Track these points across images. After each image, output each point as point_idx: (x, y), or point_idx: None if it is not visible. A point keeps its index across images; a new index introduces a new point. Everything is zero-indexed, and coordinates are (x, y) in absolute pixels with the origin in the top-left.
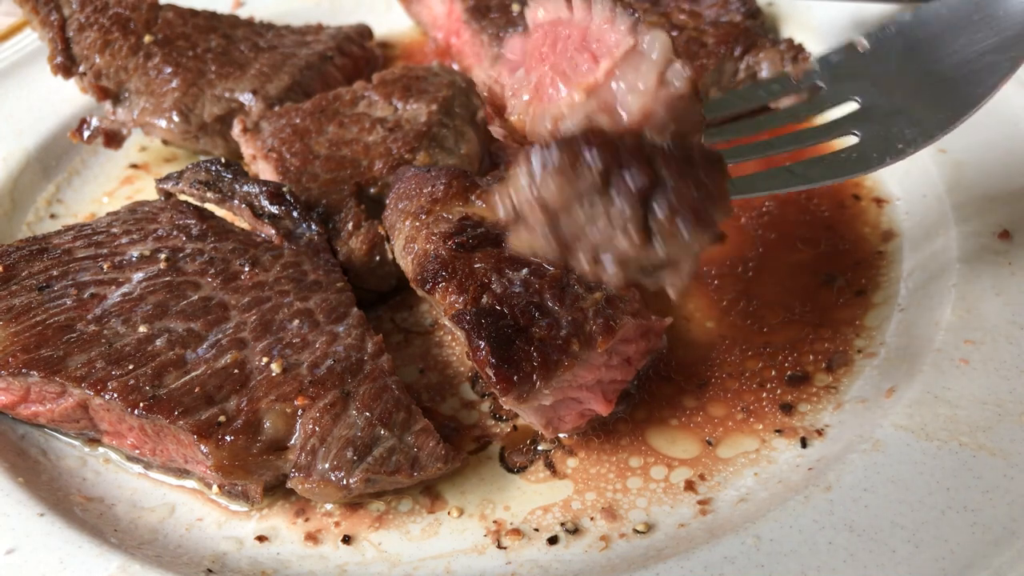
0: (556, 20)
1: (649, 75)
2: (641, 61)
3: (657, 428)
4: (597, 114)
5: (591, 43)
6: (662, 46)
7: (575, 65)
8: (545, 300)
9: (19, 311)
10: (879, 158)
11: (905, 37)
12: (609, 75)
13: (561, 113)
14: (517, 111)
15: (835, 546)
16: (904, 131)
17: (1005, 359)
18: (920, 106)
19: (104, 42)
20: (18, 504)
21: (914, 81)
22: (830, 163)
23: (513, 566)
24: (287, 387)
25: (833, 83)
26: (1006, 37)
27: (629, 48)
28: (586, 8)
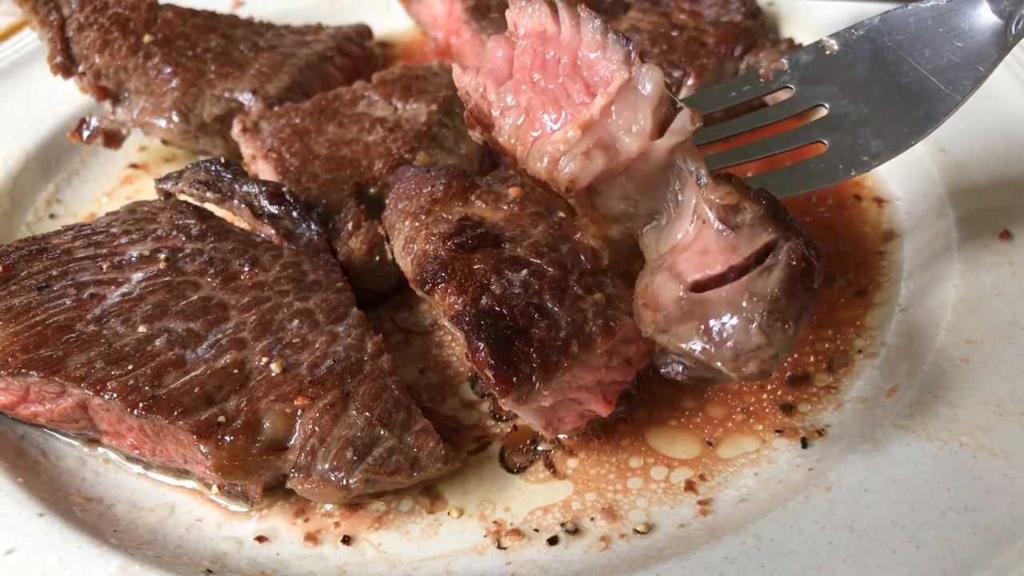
0: (541, 32)
1: (646, 114)
2: (636, 98)
3: (657, 428)
4: (595, 152)
5: (582, 70)
6: (656, 83)
7: (567, 93)
8: (544, 301)
9: (18, 311)
10: (845, 169)
11: (872, 42)
12: (605, 112)
13: (559, 151)
14: (506, 132)
15: (835, 546)
16: (870, 143)
17: (1006, 359)
18: (886, 118)
19: (104, 42)
20: (17, 504)
21: (880, 90)
22: (800, 173)
23: (513, 566)
24: (287, 387)
25: (802, 85)
26: (970, 52)
27: (624, 83)
28: (574, 26)
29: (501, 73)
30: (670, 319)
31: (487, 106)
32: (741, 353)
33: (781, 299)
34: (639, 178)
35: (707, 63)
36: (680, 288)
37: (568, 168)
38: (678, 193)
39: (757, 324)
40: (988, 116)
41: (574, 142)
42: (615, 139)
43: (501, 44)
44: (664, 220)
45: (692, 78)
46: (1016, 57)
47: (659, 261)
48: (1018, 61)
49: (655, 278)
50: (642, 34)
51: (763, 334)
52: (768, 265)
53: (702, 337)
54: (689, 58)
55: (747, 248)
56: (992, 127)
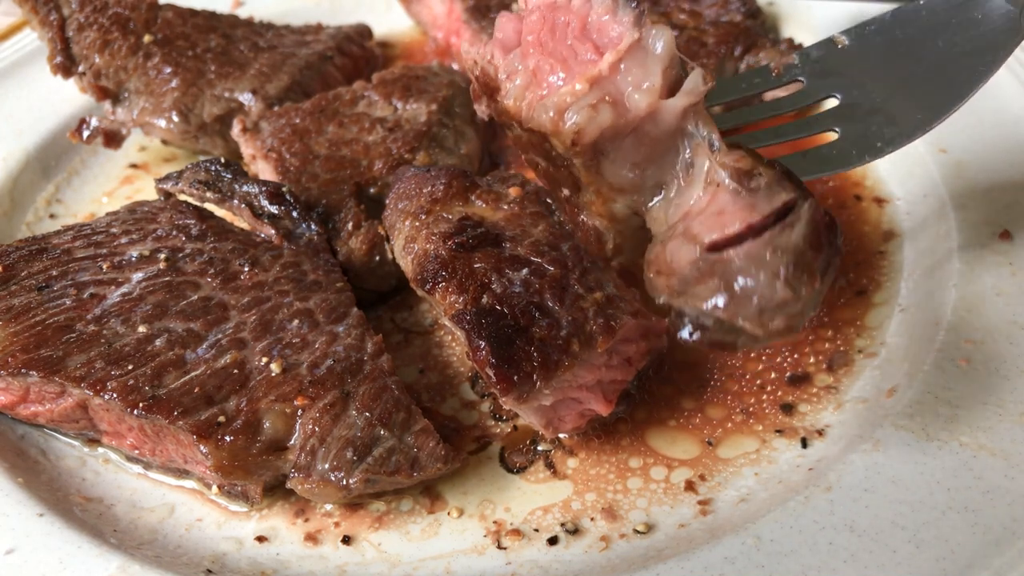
0: (552, 4)
1: (655, 73)
2: (646, 57)
3: (657, 429)
4: (602, 105)
5: (592, 33)
6: (666, 43)
7: (575, 53)
8: (545, 300)
9: (18, 311)
10: (859, 155)
11: (885, 36)
12: (614, 68)
13: (565, 102)
14: (512, 95)
15: (835, 546)
16: (883, 130)
17: (1006, 359)
18: (899, 106)
19: (103, 42)
20: (18, 504)
21: (894, 80)
22: (812, 158)
23: (513, 566)
24: (287, 387)
25: (813, 78)
26: (984, 40)
27: (634, 42)
28: None
29: (509, 42)
30: (687, 281)
31: (493, 71)
32: (766, 308)
33: (807, 251)
34: (648, 142)
35: (707, 63)
36: (696, 249)
37: (574, 119)
38: (688, 161)
39: (783, 278)
40: (988, 116)
41: (581, 95)
42: (624, 95)
43: (511, 18)
44: (673, 191)
45: None
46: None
47: (670, 231)
48: (1018, 61)
49: (667, 245)
50: None
51: (789, 287)
52: (790, 221)
53: (723, 295)
54: (689, 58)
55: (766, 206)
56: (992, 127)
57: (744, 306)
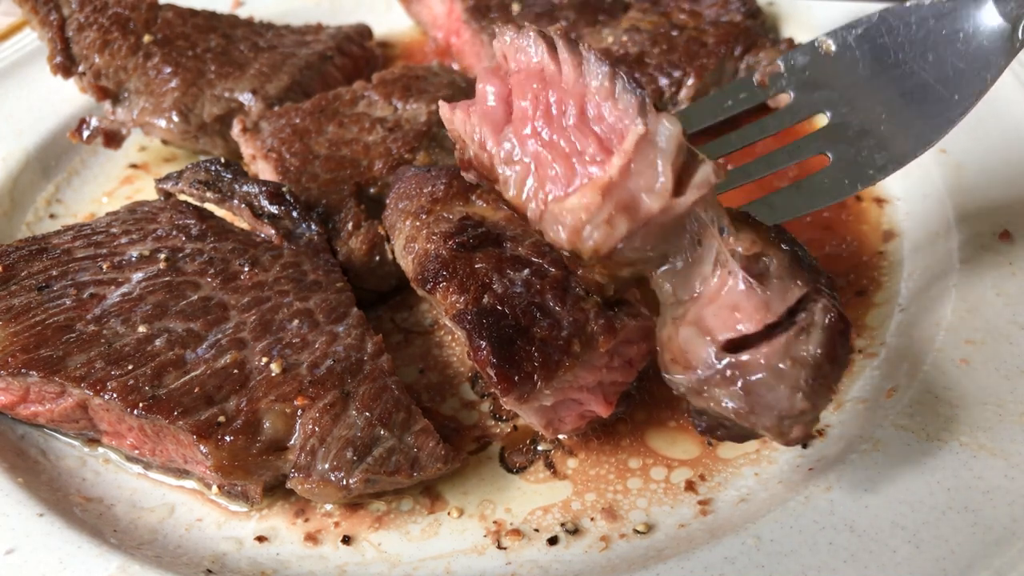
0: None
1: (666, 170)
2: (654, 152)
3: (657, 429)
4: (618, 218)
5: (592, 121)
6: (673, 136)
7: (577, 148)
8: (546, 300)
9: (18, 311)
10: (851, 184)
11: (872, 43)
12: (624, 173)
13: (580, 220)
14: (513, 186)
15: (835, 546)
16: (874, 156)
17: (1006, 359)
18: (889, 128)
19: (103, 42)
20: (17, 504)
21: (883, 97)
22: (806, 191)
23: (513, 566)
24: (287, 387)
25: (801, 91)
26: (975, 58)
27: (640, 137)
28: (576, 68)
29: (498, 117)
30: (706, 382)
31: (488, 159)
32: (785, 419)
33: (824, 364)
34: (656, 230)
35: (707, 63)
36: (712, 347)
37: (592, 238)
38: (696, 238)
39: (802, 392)
40: (988, 117)
41: (595, 209)
42: (636, 199)
43: (492, 81)
44: (680, 263)
45: (692, 78)
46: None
47: (680, 310)
48: (1019, 61)
49: (680, 331)
50: (642, 34)
51: (807, 400)
52: (804, 325)
53: (744, 401)
54: (689, 58)
55: (780, 305)
56: (992, 128)
57: (763, 415)
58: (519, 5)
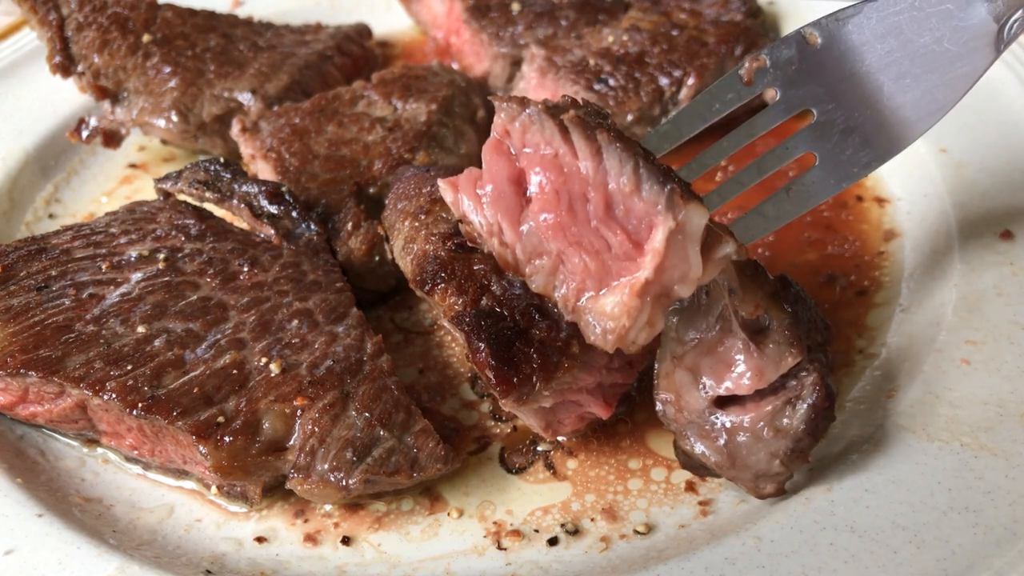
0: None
1: (696, 259)
2: (685, 243)
3: (657, 430)
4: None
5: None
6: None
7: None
8: (545, 302)
9: (17, 311)
10: (836, 183)
11: (858, 35)
12: (659, 271)
13: (624, 327)
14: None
15: (836, 547)
16: (859, 153)
17: (1007, 359)
18: (874, 124)
19: (103, 42)
20: (16, 505)
21: (867, 93)
22: (796, 196)
23: (513, 567)
24: (286, 387)
25: (787, 87)
26: (961, 55)
27: (670, 232)
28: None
29: (512, 204)
30: (694, 429)
31: (512, 257)
32: (760, 477)
33: (804, 438)
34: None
35: (707, 63)
36: (704, 401)
37: (638, 341)
38: (705, 289)
39: (780, 460)
40: (989, 116)
41: (636, 313)
42: (670, 291)
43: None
44: (686, 302)
45: (692, 78)
46: (1017, 56)
47: (680, 349)
48: (1019, 60)
49: (677, 372)
50: (642, 34)
51: (784, 467)
52: (791, 397)
53: (724, 458)
54: (689, 58)
55: (772, 373)
56: (993, 127)
57: (741, 472)
58: (519, 5)
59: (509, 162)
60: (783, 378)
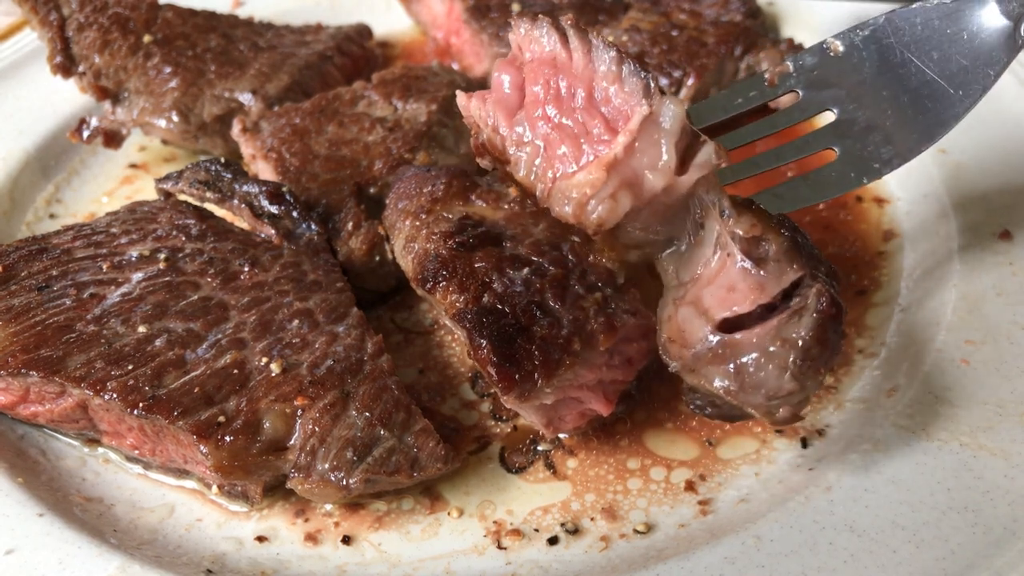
0: (551, 59)
1: (669, 149)
2: (658, 132)
3: (656, 430)
4: (621, 193)
5: (600, 104)
6: (676, 116)
7: (585, 128)
8: (546, 299)
9: (18, 311)
10: (857, 177)
11: (878, 43)
12: (629, 150)
13: (585, 195)
14: (523, 167)
15: (836, 546)
16: (880, 150)
17: (1006, 359)
18: (895, 123)
19: (103, 42)
20: (17, 504)
21: (888, 94)
22: (812, 184)
23: (513, 566)
24: (287, 387)
25: (809, 89)
26: (979, 55)
27: (645, 117)
28: (586, 55)
29: (511, 103)
30: (699, 359)
31: (500, 141)
32: (773, 399)
33: (813, 347)
34: (661, 209)
35: (707, 63)
36: (708, 326)
37: (597, 213)
38: (699, 221)
39: (790, 372)
40: (989, 116)
41: (600, 185)
42: (639, 176)
43: (507, 70)
44: (684, 246)
45: (692, 78)
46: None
47: (681, 291)
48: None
49: (679, 311)
50: (642, 34)
51: (796, 381)
52: (797, 308)
53: (733, 380)
54: (689, 58)
55: (775, 286)
56: (992, 127)
57: (752, 394)
58: (519, 5)
59: (515, 71)
60: (786, 296)
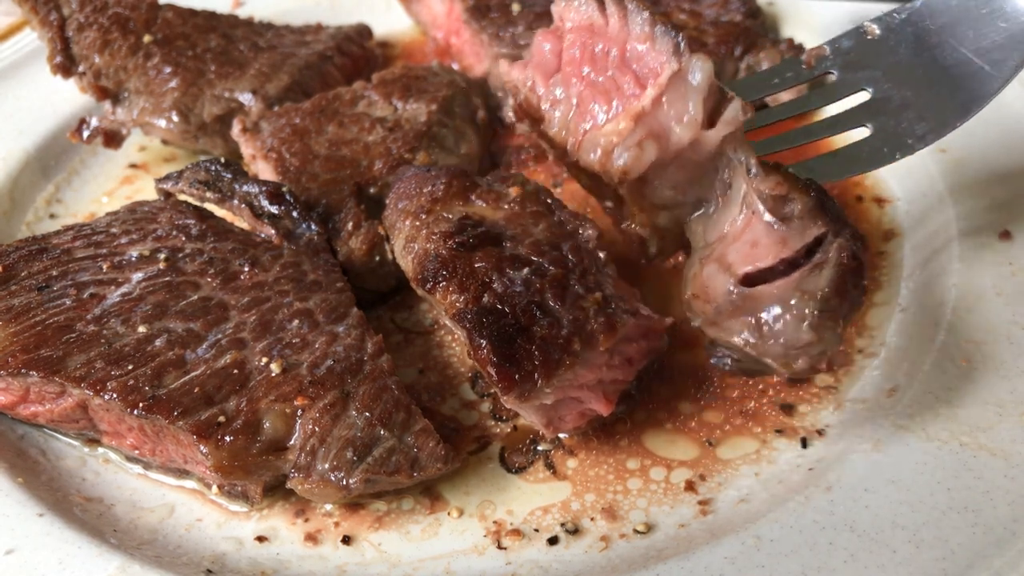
0: (589, 26)
1: (696, 104)
2: (687, 88)
3: (655, 430)
4: (647, 142)
5: (632, 62)
6: (705, 73)
7: (617, 84)
8: (546, 299)
9: (19, 311)
10: (890, 153)
11: (914, 26)
12: (656, 102)
13: (612, 143)
14: (556, 124)
15: (836, 546)
16: (914, 126)
17: (1006, 359)
18: (929, 101)
19: (103, 42)
20: (17, 504)
21: (924, 73)
22: (845, 158)
23: (513, 566)
24: (287, 387)
25: (845, 71)
26: (1014, 32)
27: (674, 73)
28: (622, 19)
29: (549, 67)
30: (721, 312)
31: (536, 100)
32: (791, 349)
33: (832, 298)
34: (689, 167)
35: None
36: (730, 281)
37: (622, 159)
38: (727, 181)
39: (808, 322)
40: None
41: (626, 133)
42: (667, 129)
43: (548, 38)
44: (712, 208)
45: None
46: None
47: (708, 250)
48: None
49: (704, 268)
50: None
51: (814, 332)
52: (818, 262)
53: (753, 332)
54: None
55: (797, 241)
56: (992, 127)
57: (771, 345)
58: (519, 5)
59: (555, 39)
60: (809, 251)
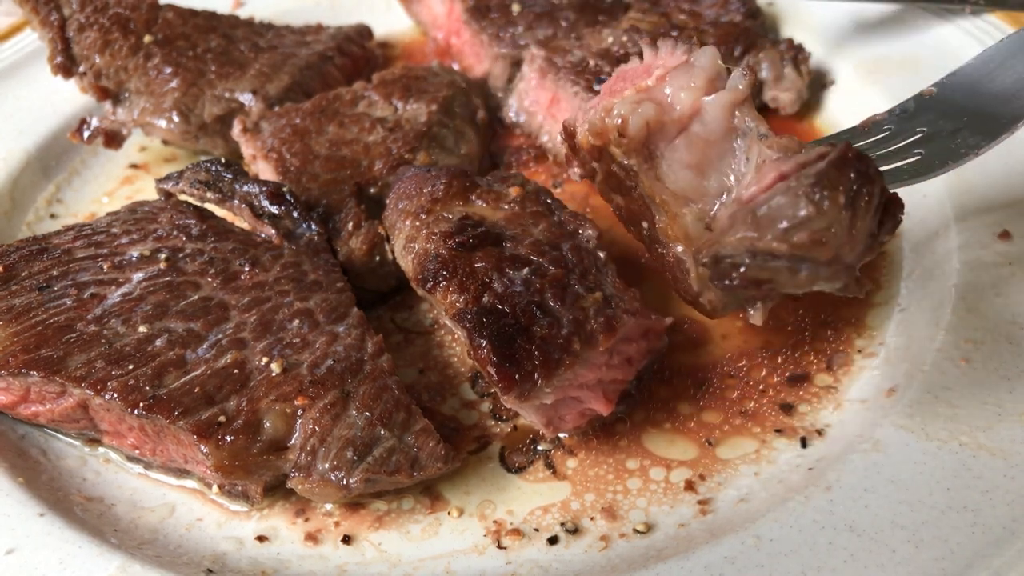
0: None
1: (698, 79)
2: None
3: (654, 430)
4: (646, 102)
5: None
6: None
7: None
8: (546, 299)
9: (19, 311)
10: (940, 164)
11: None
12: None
13: (611, 103)
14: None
15: (835, 546)
16: (968, 139)
17: (1005, 359)
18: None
19: (104, 42)
20: (18, 504)
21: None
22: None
23: (513, 566)
24: (287, 387)
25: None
26: None
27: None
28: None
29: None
30: (723, 232)
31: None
32: (791, 224)
33: (830, 171)
34: (701, 143)
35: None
36: (734, 206)
37: (618, 111)
38: (746, 155)
39: (805, 195)
40: None
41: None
42: (668, 96)
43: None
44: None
45: None
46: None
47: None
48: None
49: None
50: (642, 34)
51: (811, 203)
52: (821, 155)
53: (752, 226)
54: None
55: (803, 158)
56: None
57: (771, 229)
58: (519, 6)
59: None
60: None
